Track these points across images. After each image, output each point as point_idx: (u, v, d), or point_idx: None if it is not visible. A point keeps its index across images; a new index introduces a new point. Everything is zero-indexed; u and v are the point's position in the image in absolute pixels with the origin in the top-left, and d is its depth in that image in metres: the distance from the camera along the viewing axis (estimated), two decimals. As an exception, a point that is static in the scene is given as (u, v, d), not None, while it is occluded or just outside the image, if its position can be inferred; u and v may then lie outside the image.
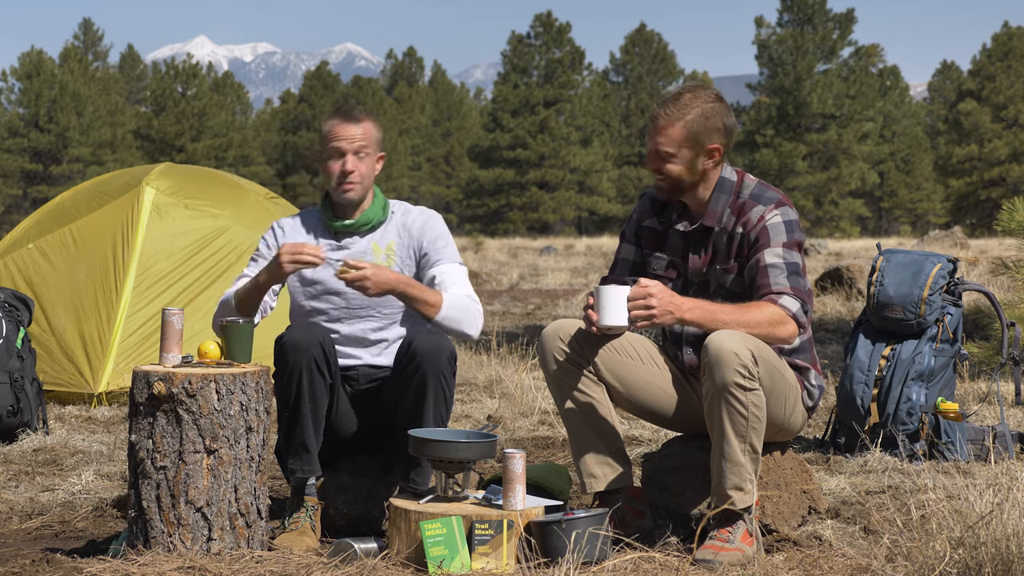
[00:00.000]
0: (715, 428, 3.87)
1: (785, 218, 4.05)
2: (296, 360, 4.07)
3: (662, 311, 3.84)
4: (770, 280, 3.98)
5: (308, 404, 4.10)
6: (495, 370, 8.09)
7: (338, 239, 4.38)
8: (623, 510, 4.09)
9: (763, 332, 3.91)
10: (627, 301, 3.85)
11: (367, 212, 4.36)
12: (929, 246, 20.70)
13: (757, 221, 4.05)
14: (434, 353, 4.08)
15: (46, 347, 7.40)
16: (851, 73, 60.83)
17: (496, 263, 26.26)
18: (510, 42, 64.23)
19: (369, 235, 4.38)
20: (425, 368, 4.07)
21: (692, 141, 4.05)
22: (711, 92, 4.12)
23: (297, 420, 4.11)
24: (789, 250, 4.02)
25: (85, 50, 76.46)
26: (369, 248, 4.37)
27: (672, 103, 4.07)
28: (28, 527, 4.57)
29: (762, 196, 4.09)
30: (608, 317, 3.88)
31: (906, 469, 5.29)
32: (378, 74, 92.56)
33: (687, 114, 4.05)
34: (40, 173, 61.05)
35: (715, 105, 4.07)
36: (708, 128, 4.05)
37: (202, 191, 8.16)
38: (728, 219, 4.10)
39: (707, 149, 4.06)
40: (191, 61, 65.54)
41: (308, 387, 4.09)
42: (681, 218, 4.18)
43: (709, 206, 4.11)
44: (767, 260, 4.00)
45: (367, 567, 3.63)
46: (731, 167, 4.16)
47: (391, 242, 4.38)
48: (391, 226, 4.40)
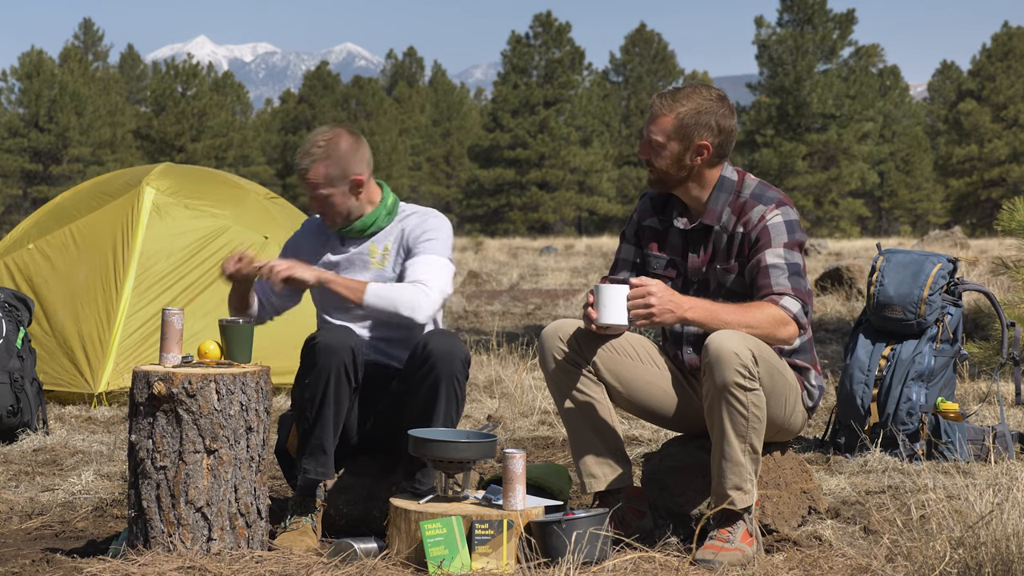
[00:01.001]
0: (715, 428, 3.87)
1: (786, 218, 4.05)
2: (326, 363, 4.07)
3: (662, 310, 3.84)
4: (771, 280, 3.98)
5: (332, 407, 4.10)
6: (495, 370, 8.09)
7: (344, 241, 4.46)
8: (623, 510, 4.09)
9: (764, 332, 3.90)
10: (627, 300, 3.85)
11: (365, 218, 4.41)
12: (929, 246, 20.70)
13: (758, 221, 4.04)
14: (448, 355, 4.08)
15: (46, 347, 7.40)
16: (851, 73, 60.81)
17: (496, 263, 26.25)
18: (510, 42, 64.23)
19: (372, 238, 4.43)
20: (439, 370, 4.07)
21: (681, 134, 4.04)
22: (713, 91, 4.11)
23: (319, 421, 4.10)
24: (790, 250, 4.01)
25: (85, 50, 76.45)
26: (367, 250, 4.41)
27: (670, 94, 4.09)
28: (28, 527, 4.57)
29: (763, 196, 4.09)
30: (608, 316, 3.87)
31: (906, 469, 5.29)
32: (378, 74, 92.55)
33: (681, 106, 4.05)
34: (40, 173, 61.05)
35: (713, 103, 4.07)
36: (699, 124, 4.04)
37: (202, 191, 8.16)
38: (728, 218, 4.10)
39: (695, 145, 4.04)
40: (191, 61, 65.54)
41: (335, 391, 4.09)
42: (681, 216, 4.18)
43: (708, 205, 4.11)
44: (768, 260, 4.00)
45: (367, 567, 3.63)
46: (732, 167, 4.15)
47: (387, 244, 4.41)
48: (394, 229, 4.43)
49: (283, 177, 68.58)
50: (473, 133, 71.59)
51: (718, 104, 4.08)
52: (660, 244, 4.21)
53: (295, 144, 68.52)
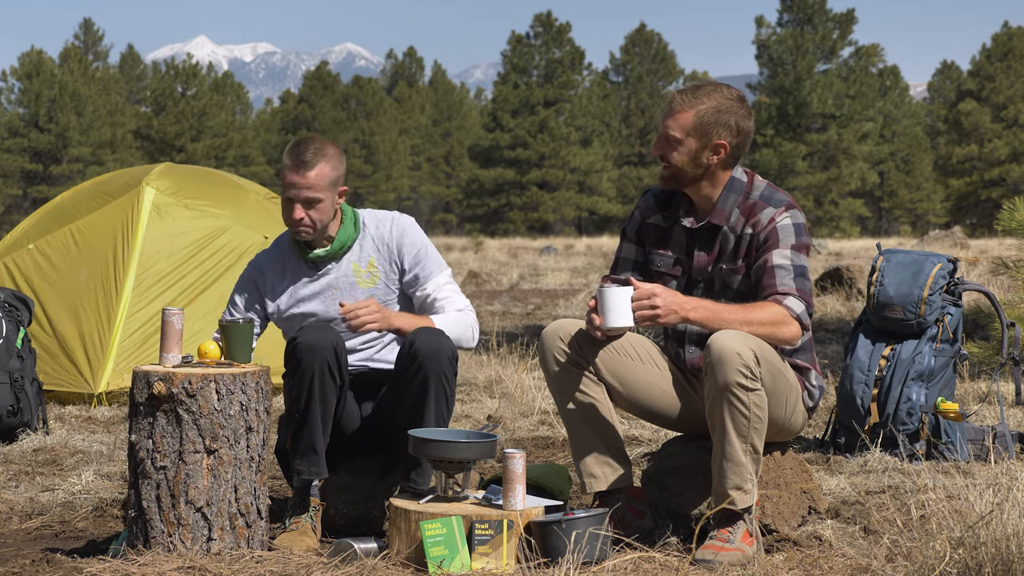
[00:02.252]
0: (716, 428, 3.87)
1: (795, 221, 4.06)
2: (309, 361, 4.06)
3: (667, 311, 3.84)
4: (776, 281, 3.98)
5: (319, 406, 4.09)
6: (495, 370, 8.08)
7: (317, 267, 4.36)
8: (623, 510, 4.09)
9: (767, 332, 3.90)
10: (631, 302, 3.85)
11: (339, 236, 4.33)
12: (929, 246, 20.69)
13: (767, 223, 4.04)
14: (435, 352, 4.08)
15: (46, 347, 7.40)
16: (851, 73, 60.81)
17: (496, 263, 26.25)
18: (510, 42, 64.23)
19: (345, 257, 4.36)
20: (427, 368, 4.07)
21: (700, 132, 4.04)
22: (734, 92, 4.11)
23: (307, 421, 4.10)
24: (797, 252, 4.02)
25: (85, 50, 76.44)
26: (350, 271, 4.35)
27: (691, 91, 4.08)
28: (28, 527, 4.57)
29: (772, 198, 4.09)
30: (613, 319, 3.87)
31: (906, 469, 5.29)
32: (378, 74, 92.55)
33: (701, 104, 4.05)
34: (40, 173, 61.05)
35: (733, 103, 4.07)
36: (718, 122, 4.04)
37: (202, 191, 8.16)
38: (737, 219, 4.09)
39: (713, 144, 4.04)
40: (191, 61, 65.55)
41: (319, 389, 4.08)
42: (688, 214, 4.18)
43: (718, 204, 4.10)
44: (775, 261, 4.00)
45: (367, 567, 3.63)
46: (741, 168, 4.15)
47: (371, 258, 4.36)
48: (367, 241, 4.37)
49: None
50: (473, 133, 71.59)
51: (738, 104, 4.08)
52: (664, 242, 4.21)
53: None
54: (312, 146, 4.27)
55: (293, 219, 4.25)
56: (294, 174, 4.24)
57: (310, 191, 4.23)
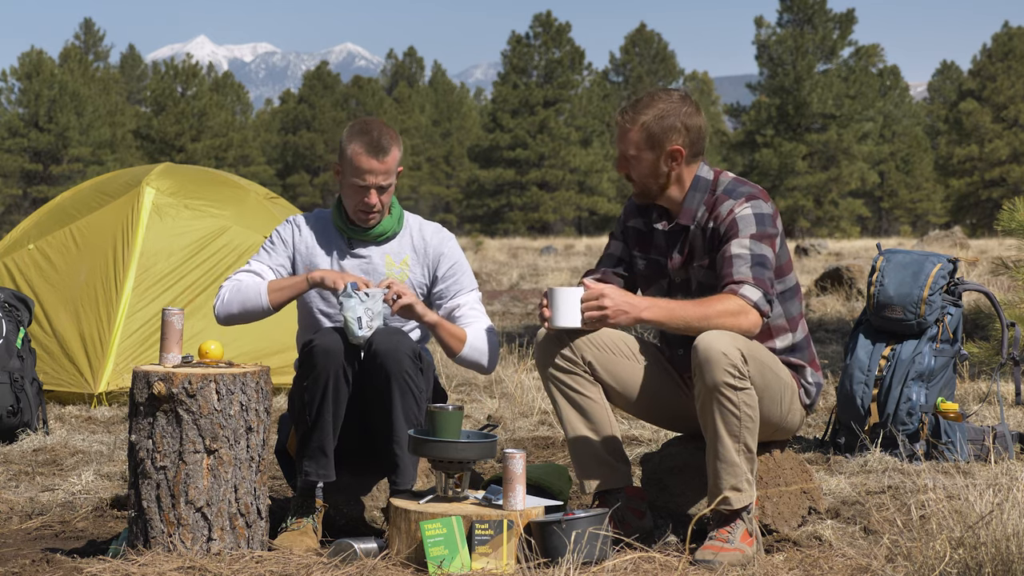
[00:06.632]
0: (708, 428, 3.87)
1: (756, 211, 4.01)
2: (325, 365, 4.05)
3: (616, 311, 3.83)
4: (733, 270, 3.93)
5: (331, 409, 4.08)
6: (495, 370, 8.08)
7: (351, 246, 4.36)
8: (623, 510, 4.09)
9: (725, 324, 3.86)
10: (581, 302, 3.86)
11: (383, 223, 4.34)
12: (929, 246, 20.69)
13: (727, 215, 4.02)
14: (393, 351, 4.05)
15: (46, 347, 7.40)
16: (851, 73, 60.80)
17: (496, 263, 26.26)
18: (510, 42, 64.25)
19: (384, 245, 4.37)
20: (388, 368, 4.05)
21: (651, 143, 4.03)
22: (674, 93, 4.09)
23: (318, 424, 4.09)
24: (757, 241, 3.96)
25: (86, 50, 76.49)
26: (383, 260, 4.35)
27: (631, 107, 4.07)
28: (28, 527, 4.57)
29: (735, 191, 4.06)
30: (560, 318, 3.89)
31: (906, 469, 5.29)
32: (378, 74, 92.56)
33: (643, 115, 4.04)
34: (40, 173, 61.06)
35: (675, 105, 4.05)
36: (665, 128, 4.03)
37: (202, 191, 8.16)
38: (702, 216, 4.09)
39: (668, 151, 4.04)
40: (191, 61, 65.55)
41: (333, 393, 4.07)
42: (661, 218, 4.18)
43: (684, 204, 4.10)
44: (733, 251, 3.96)
45: (367, 567, 3.63)
46: (708, 166, 4.14)
47: (406, 256, 4.36)
48: (405, 239, 4.39)
49: (283, 177, 68.60)
50: (473, 133, 71.63)
51: (680, 104, 4.06)
52: (645, 245, 4.21)
53: (295, 144, 68.55)
54: (383, 130, 4.24)
55: (368, 204, 4.24)
56: (373, 160, 4.20)
57: (387, 176, 4.22)
